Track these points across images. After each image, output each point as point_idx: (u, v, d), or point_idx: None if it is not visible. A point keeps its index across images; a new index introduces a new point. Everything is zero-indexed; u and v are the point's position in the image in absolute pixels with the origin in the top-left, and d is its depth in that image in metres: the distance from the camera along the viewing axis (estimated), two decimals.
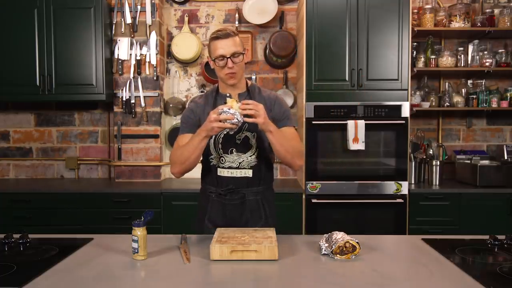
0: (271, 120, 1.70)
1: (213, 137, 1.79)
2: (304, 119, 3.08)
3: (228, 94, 1.81)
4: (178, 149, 1.79)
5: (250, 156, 1.81)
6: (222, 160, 1.82)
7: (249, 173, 1.82)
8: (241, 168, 1.81)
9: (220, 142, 1.80)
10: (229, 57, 1.72)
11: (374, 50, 3.07)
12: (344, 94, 3.09)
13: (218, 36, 1.73)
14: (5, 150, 3.74)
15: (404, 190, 3.09)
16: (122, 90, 3.42)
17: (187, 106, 1.93)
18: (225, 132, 1.78)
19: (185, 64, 3.66)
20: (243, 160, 1.81)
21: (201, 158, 1.86)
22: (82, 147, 3.73)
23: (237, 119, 1.58)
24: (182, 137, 1.83)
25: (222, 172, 1.82)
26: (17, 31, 3.24)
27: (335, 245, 1.43)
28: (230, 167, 1.82)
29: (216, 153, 1.82)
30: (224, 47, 1.72)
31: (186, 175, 3.95)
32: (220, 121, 1.59)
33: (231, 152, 1.80)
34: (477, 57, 3.38)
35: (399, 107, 3.08)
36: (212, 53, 1.76)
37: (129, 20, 3.41)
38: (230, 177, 1.82)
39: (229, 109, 1.58)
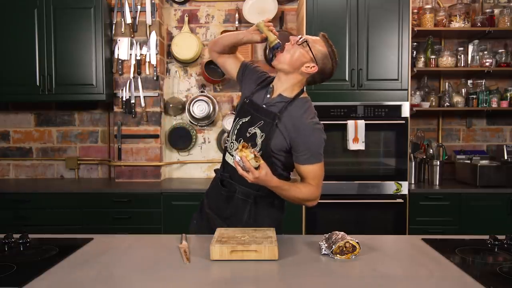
0: (287, 145, 1.67)
1: (236, 120, 1.77)
2: None
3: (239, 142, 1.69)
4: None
5: None
6: (232, 146, 1.77)
7: None
8: None
9: (237, 127, 1.76)
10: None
11: (374, 50, 3.07)
12: (344, 94, 3.09)
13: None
14: (5, 150, 3.74)
15: (404, 190, 3.08)
16: (122, 90, 3.41)
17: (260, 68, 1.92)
18: (243, 121, 1.75)
19: (185, 64, 3.66)
20: None
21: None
22: (82, 147, 3.72)
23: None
24: None
25: (228, 158, 1.78)
26: (17, 31, 3.24)
27: (335, 245, 1.43)
28: (233, 155, 1.74)
29: (230, 137, 1.79)
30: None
31: (186, 175, 3.92)
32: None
33: (239, 142, 1.71)
34: (477, 57, 3.38)
35: (399, 107, 3.08)
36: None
37: (129, 20, 3.41)
38: (232, 166, 1.74)
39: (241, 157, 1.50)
